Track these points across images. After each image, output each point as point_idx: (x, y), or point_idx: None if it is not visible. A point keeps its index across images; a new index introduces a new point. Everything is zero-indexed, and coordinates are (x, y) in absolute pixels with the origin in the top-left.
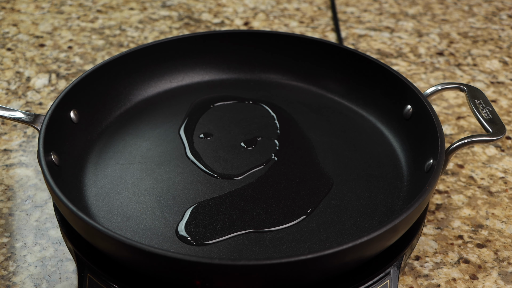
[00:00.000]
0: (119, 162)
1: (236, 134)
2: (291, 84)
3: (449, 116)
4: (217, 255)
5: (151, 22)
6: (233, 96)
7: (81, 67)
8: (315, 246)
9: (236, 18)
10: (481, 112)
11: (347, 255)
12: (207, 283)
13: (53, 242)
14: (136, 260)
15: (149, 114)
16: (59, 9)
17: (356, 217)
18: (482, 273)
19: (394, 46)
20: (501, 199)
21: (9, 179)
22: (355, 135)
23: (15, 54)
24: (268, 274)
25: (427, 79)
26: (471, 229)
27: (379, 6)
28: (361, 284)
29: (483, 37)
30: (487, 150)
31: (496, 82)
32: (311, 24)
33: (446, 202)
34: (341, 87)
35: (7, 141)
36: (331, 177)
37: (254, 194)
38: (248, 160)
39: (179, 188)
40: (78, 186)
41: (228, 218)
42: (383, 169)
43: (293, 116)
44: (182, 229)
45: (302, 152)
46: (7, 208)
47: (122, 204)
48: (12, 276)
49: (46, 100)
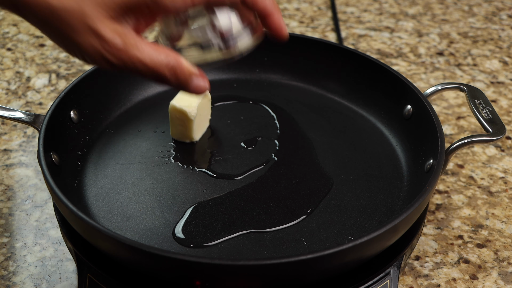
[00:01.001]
0: (119, 162)
1: (236, 134)
2: (291, 84)
3: (449, 116)
4: (217, 255)
5: None
6: (233, 96)
7: (81, 67)
8: (315, 246)
9: None
10: (481, 112)
11: (347, 255)
12: (207, 283)
13: (53, 242)
14: (136, 260)
15: (149, 114)
16: None
17: (356, 217)
18: (482, 273)
19: (394, 46)
20: (501, 199)
21: (9, 179)
22: (355, 135)
23: (15, 54)
24: (268, 274)
25: (427, 79)
26: (471, 229)
27: (379, 6)
28: (361, 284)
29: (483, 37)
30: (487, 150)
31: (496, 82)
32: (311, 24)
33: (446, 202)
34: (341, 87)
35: (7, 141)
36: (331, 177)
37: (254, 194)
38: (248, 160)
39: (179, 188)
40: (78, 186)
41: (228, 218)
42: (383, 169)
43: (293, 116)
44: (182, 229)
45: (302, 152)
46: (7, 208)
47: (122, 204)
48: (12, 276)
49: (46, 100)
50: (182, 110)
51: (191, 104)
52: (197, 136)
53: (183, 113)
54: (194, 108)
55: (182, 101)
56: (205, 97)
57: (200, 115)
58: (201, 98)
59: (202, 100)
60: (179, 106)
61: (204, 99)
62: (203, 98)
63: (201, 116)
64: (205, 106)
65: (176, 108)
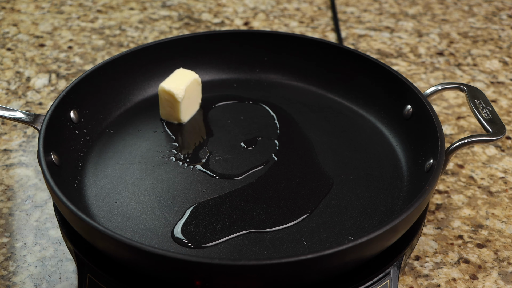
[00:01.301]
0: (119, 162)
1: (236, 134)
2: (291, 84)
3: (449, 116)
4: (217, 255)
5: (151, 22)
6: (233, 96)
7: (81, 67)
8: (315, 246)
9: (236, 18)
10: (481, 112)
11: (347, 255)
12: (207, 283)
13: (53, 242)
14: (136, 260)
15: (149, 114)
16: (59, 9)
17: (356, 217)
18: (482, 273)
19: (394, 46)
20: (501, 199)
21: (9, 179)
22: (355, 135)
23: (15, 54)
24: (268, 274)
25: (427, 79)
26: (471, 229)
27: (379, 6)
28: (361, 284)
29: (483, 37)
30: (487, 150)
31: (496, 82)
32: (311, 24)
33: (446, 202)
34: (341, 87)
35: (7, 141)
36: (331, 177)
37: (254, 194)
38: (248, 160)
39: (179, 188)
40: (78, 186)
41: (228, 218)
42: (383, 169)
43: (293, 116)
44: (182, 229)
45: (302, 152)
46: (7, 208)
47: (122, 204)
48: (12, 276)
49: (46, 100)
50: (170, 91)
51: (179, 86)
52: (185, 118)
53: (171, 95)
54: (181, 90)
55: (171, 83)
56: (195, 80)
57: (188, 98)
58: (190, 81)
59: (191, 83)
60: (168, 88)
61: (193, 82)
62: (192, 81)
63: (189, 99)
64: (194, 89)
65: (165, 90)
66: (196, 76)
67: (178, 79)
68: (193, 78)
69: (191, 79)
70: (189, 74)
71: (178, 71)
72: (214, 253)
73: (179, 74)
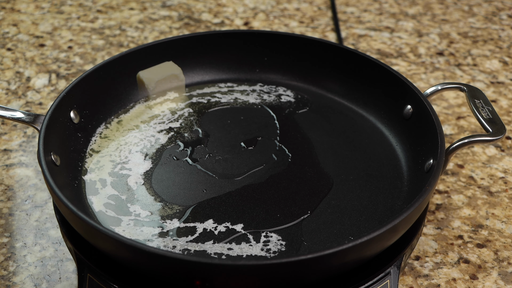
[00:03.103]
0: (119, 162)
1: (236, 134)
2: (291, 84)
3: (449, 116)
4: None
5: (151, 22)
6: (233, 96)
7: (81, 67)
8: (315, 246)
9: (236, 18)
10: (481, 112)
11: (347, 255)
12: (207, 283)
13: (53, 242)
14: (136, 260)
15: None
16: (59, 9)
17: (356, 217)
18: (482, 273)
19: (394, 46)
20: (501, 199)
21: (9, 179)
22: (355, 135)
23: (15, 54)
24: (268, 274)
25: (427, 79)
26: (471, 229)
27: (379, 6)
28: (361, 284)
29: (483, 37)
30: (487, 150)
31: (496, 82)
32: (311, 24)
33: (446, 202)
34: (341, 87)
35: (7, 141)
36: (331, 177)
37: (254, 194)
38: (248, 160)
39: (179, 188)
40: (78, 186)
41: (228, 218)
42: (383, 169)
43: (293, 116)
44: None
45: (302, 152)
46: (7, 208)
47: (122, 204)
48: (12, 276)
49: (46, 100)
50: (141, 80)
51: (153, 79)
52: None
53: (142, 83)
54: (152, 82)
55: (149, 73)
56: (176, 77)
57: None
58: (167, 76)
59: (168, 77)
60: (142, 76)
61: (173, 78)
62: (172, 77)
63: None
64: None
65: (139, 78)
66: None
67: (159, 70)
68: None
69: (169, 72)
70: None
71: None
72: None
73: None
